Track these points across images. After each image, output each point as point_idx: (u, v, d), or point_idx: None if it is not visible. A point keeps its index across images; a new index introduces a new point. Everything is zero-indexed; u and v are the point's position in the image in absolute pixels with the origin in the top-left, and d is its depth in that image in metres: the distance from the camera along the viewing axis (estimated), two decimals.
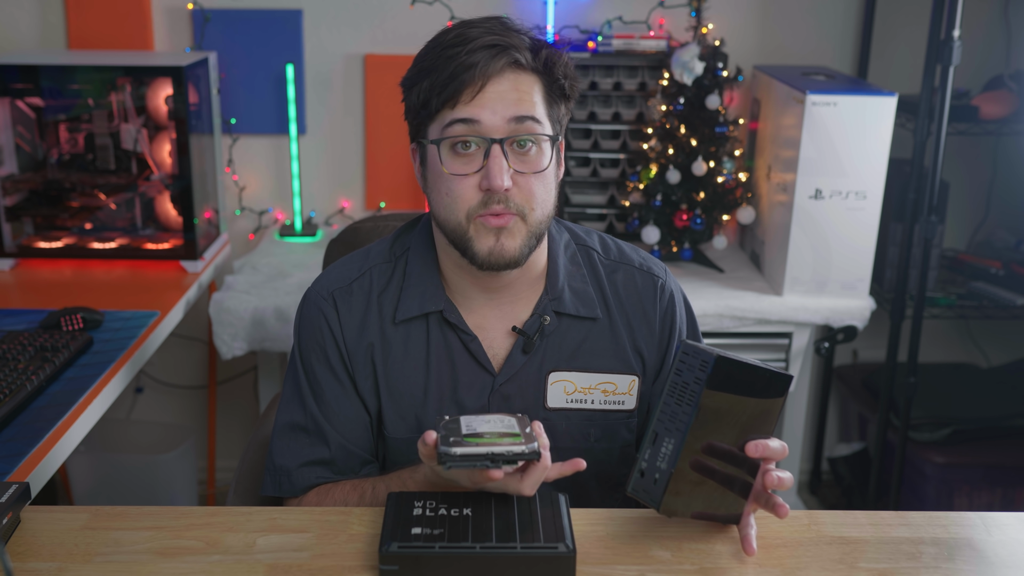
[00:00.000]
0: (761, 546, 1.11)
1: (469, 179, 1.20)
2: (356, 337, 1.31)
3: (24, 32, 2.54)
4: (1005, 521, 1.19)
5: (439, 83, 1.19)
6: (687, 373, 1.06)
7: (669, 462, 1.05)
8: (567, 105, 1.27)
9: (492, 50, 1.18)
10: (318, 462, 1.31)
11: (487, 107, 1.18)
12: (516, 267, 1.24)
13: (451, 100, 1.19)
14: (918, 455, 2.45)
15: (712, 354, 1.04)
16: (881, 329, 2.56)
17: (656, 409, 1.08)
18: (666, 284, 1.37)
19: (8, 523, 1.09)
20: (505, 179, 1.18)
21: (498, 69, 1.18)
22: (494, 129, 1.19)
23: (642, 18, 2.55)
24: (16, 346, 1.69)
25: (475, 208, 1.21)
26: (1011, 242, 2.65)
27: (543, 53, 1.22)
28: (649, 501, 1.07)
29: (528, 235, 1.23)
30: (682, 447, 1.05)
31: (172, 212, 2.38)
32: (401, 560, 1.02)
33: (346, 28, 2.57)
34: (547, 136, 1.22)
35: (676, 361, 1.07)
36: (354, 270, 1.35)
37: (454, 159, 1.21)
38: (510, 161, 1.20)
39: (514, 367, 1.30)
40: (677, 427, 1.05)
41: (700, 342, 1.40)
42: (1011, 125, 2.36)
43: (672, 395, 1.07)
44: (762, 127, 2.44)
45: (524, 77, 1.21)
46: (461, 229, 1.22)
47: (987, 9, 2.58)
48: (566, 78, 1.24)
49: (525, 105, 1.20)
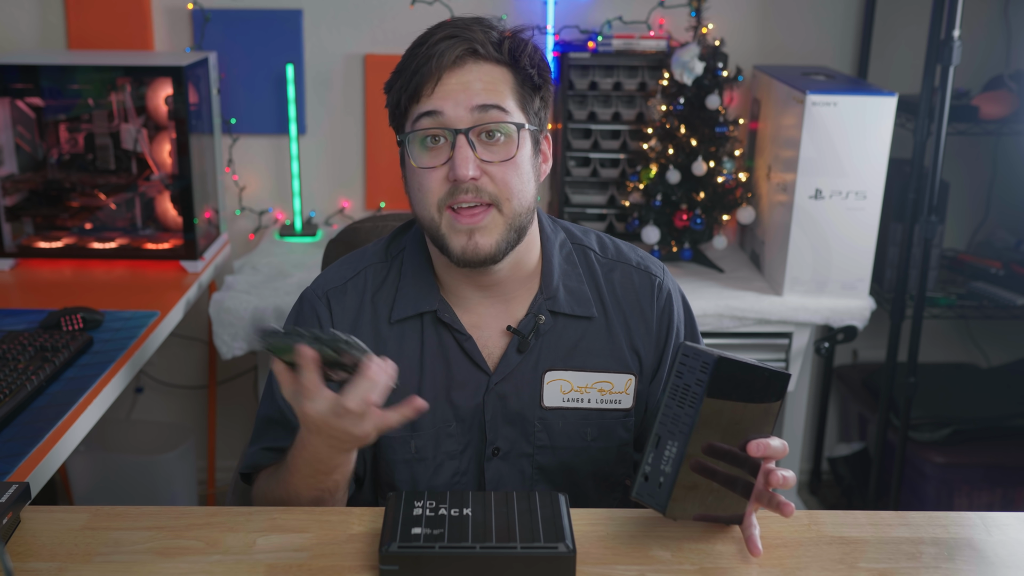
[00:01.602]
0: (761, 546, 1.11)
1: (437, 171, 1.21)
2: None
3: (24, 32, 2.54)
4: (1005, 521, 1.19)
5: (405, 80, 1.21)
6: (688, 375, 1.05)
7: (673, 465, 1.05)
8: (542, 97, 1.27)
9: (449, 41, 1.20)
10: (278, 449, 1.31)
11: (449, 98, 1.19)
12: (494, 263, 1.24)
13: (415, 95, 1.21)
14: (918, 455, 2.45)
15: (713, 355, 1.04)
16: (881, 329, 2.56)
17: (658, 412, 1.08)
18: (664, 283, 1.37)
19: (8, 523, 1.09)
20: (470, 168, 1.19)
21: (454, 59, 1.19)
22: (457, 120, 1.20)
23: (642, 18, 2.55)
24: (16, 346, 1.69)
25: (444, 198, 1.21)
26: (1011, 242, 2.65)
27: (506, 43, 1.22)
28: (654, 505, 1.07)
29: (506, 228, 1.23)
30: (686, 449, 1.04)
31: (172, 212, 2.38)
32: (401, 560, 1.02)
33: (346, 28, 2.57)
34: (514, 123, 1.22)
35: (676, 363, 1.07)
36: (349, 270, 1.36)
37: (423, 153, 1.22)
38: (478, 151, 1.20)
39: (509, 366, 1.31)
40: (680, 430, 1.05)
41: (699, 342, 1.41)
42: (1011, 125, 2.36)
43: (674, 397, 1.06)
44: (762, 127, 2.44)
45: (488, 68, 1.21)
46: (435, 224, 1.23)
47: (987, 9, 2.58)
48: (534, 67, 1.24)
49: (489, 94, 1.20)
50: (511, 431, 1.32)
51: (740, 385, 1.07)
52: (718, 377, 1.04)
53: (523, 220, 1.25)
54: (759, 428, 1.10)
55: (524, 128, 1.23)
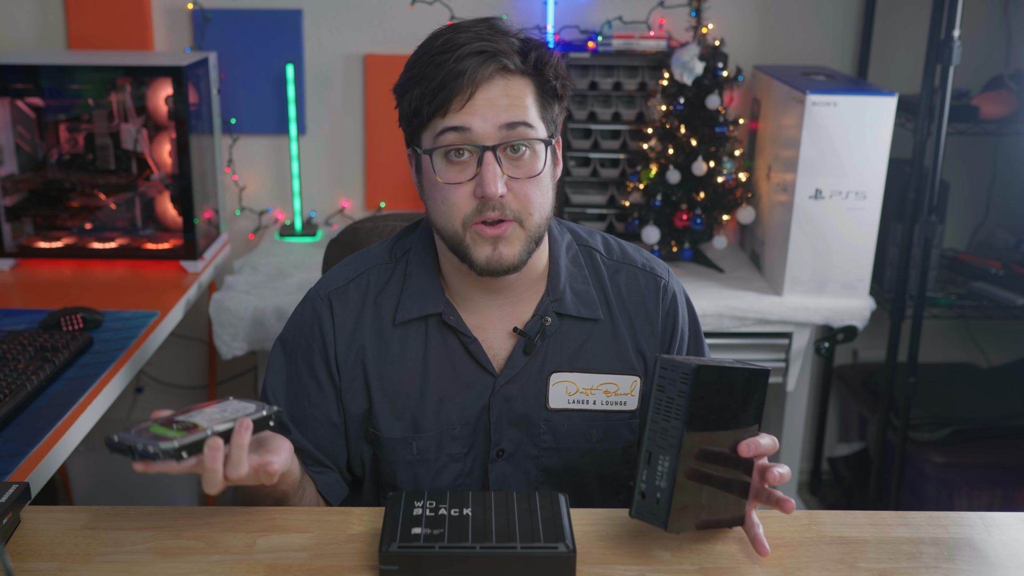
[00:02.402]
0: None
1: (463, 187, 1.20)
2: (348, 338, 1.32)
3: (24, 32, 2.54)
4: (1005, 521, 1.19)
5: (429, 91, 1.19)
6: (669, 388, 1.06)
7: (668, 479, 1.05)
8: (561, 104, 1.27)
9: (480, 56, 1.17)
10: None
11: (478, 114, 1.18)
12: (515, 272, 1.24)
13: (441, 108, 1.19)
14: (918, 455, 2.45)
15: (691, 365, 1.04)
16: (881, 329, 2.56)
17: (645, 428, 1.08)
18: (669, 284, 1.37)
19: (8, 523, 1.09)
20: (499, 186, 1.18)
21: (487, 76, 1.18)
22: (486, 136, 1.18)
23: (642, 18, 2.55)
24: (16, 346, 1.69)
25: (470, 215, 1.21)
26: (1011, 242, 2.65)
27: (532, 55, 1.21)
28: (655, 522, 1.06)
29: (527, 240, 1.23)
30: (678, 462, 1.04)
31: (172, 212, 2.38)
32: (401, 560, 1.02)
33: (346, 28, 2.57)
34: (541, 140, 1.21)
35: (657, 377, 1.07)
36: (352, 271, 1.36)
37: (448, 167, 1.21)
38: (504, 167, 1.19)
39: (515, 368, 1.31)
40: (669, 443, 1.05)
41: (702, 343, 1.41)
42: (1011, 125, 2.36)
43: (658, 412, 1.06)
44: (762, 127, 2.44)
45: (514, 81, 1.20)
46: (458, 237, 1.22)
47: (987, 9, 2.58)
48: (557, 78, 1.23)
49: (516, 110, 1.19)
50: (516, 433, 1.32)
51: (722, 389, 1.07)
52: (699, 384, 1.04)
53: (542, 231, 1.25)
54: (747, 427, 1.10)
55: (551, 142, 1.23)
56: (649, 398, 1.35)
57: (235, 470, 1.05)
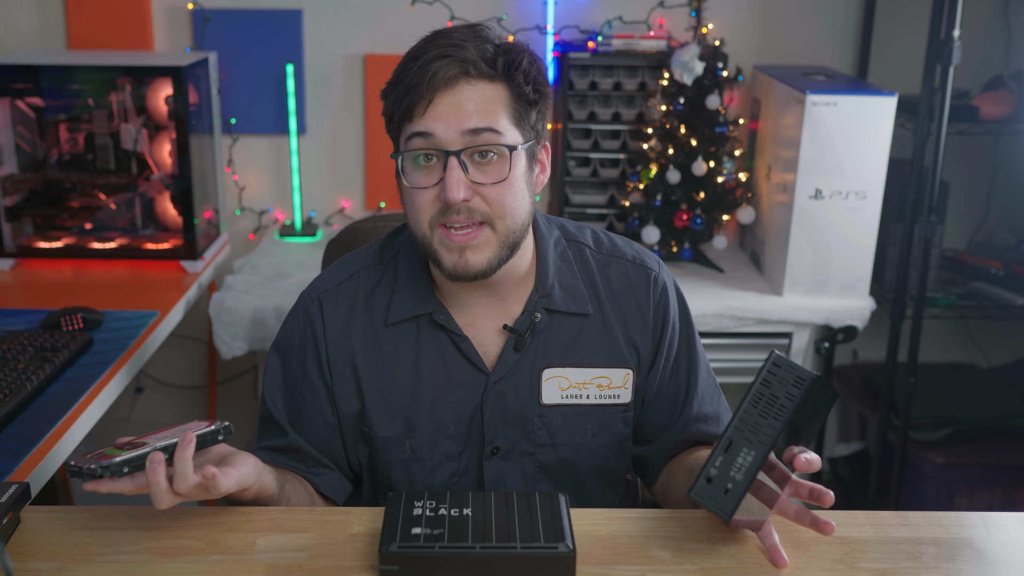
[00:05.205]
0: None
1: (429, 191, 1.21)
2: (339, 339, 1.32)
3: (24, 32, 2.54)
4: (1005, 521, 1.19)
5: (398, 97, 1.20)
6: (777, 386, 1.04)
7: (747, 474, 1.03)
8: (539, 110, 1.26)
9: (443, 61, 1.18)
10: (274, 448, 1.35)
11: (440, 120, 1.18)
12: (485, 278, 1.24)
13: (407, 113, 1.20)
14: (918, 455, 2.45)
15: (810, 373, 1.03)
16: (881, 329, 2.56)
17: (734, 417, 1.06)
18: (659, 276, 1.37)
19: (8, 523, 1.09)
20: (461, 191, 1.18)
21: (446, 80, 1.18)
22: (448, 142, 1.19)
23: (642, 18, 2.55)
24: (16, 346, 1.69)
25: (436, 216, 1.21)
26: (1011, 242, 2.65)
27: (500, 61, 1.20)
28: (717, 510, 1.04)
29: (499, 245, 1.23)
30: (763, 460, 1.02)
31: (172, 212, 2.38)
32: (401, 560, 1.03)
33: (346, 28, 2.57)
34: (506, 146, 1.20)
35: (764, 372, 1.05)
36: (343, 272, 1.36)
37: (415, 172, 1.22)
38: (471, 172, 1.19)
39: (507, 365, 1.31)
40: (760, 440, 1.03)
41: (693, 332, 1.40)
42: (1011, 125, 2.36)
43: (756, 406, 1.04)
44: (762, 127, 2.44)
45: (482, 86, 1.19)
46: (426, 239, 1.23)
47: (987, 9, 2.58)
48: (529, 83, 1.22)
49: (481, 116, 1.19)
50: (511, 430, 1.32)
51: (819, 403, 1.07)
52: (810, 393, 1.03)
53: (517, 236, 1.25)
54: (808, 439, 1.10)
55: (523, 148, 1.23)
56: (643, 390, 1.36)
57: (181, 483, 1.07)
